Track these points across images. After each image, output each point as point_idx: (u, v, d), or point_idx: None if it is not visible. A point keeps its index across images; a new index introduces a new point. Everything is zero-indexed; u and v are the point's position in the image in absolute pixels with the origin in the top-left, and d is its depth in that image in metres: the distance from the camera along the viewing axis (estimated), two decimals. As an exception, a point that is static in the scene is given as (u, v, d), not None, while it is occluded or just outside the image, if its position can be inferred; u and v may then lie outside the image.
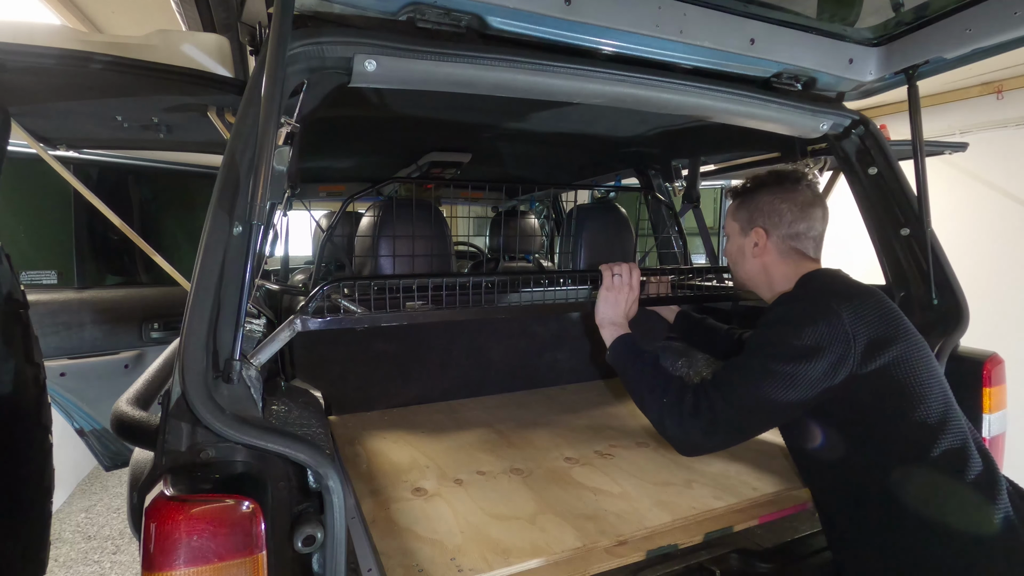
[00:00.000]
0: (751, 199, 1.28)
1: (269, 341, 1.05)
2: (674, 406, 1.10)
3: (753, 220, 1.26)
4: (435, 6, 1.05)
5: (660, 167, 2.56)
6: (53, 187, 2.41)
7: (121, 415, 1.00)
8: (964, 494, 0.98)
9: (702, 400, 1.08)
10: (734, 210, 1.33)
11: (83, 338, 2.42)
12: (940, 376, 1.08)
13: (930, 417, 1.01)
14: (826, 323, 1.03)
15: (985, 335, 1.61)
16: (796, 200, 1.22)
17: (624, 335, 1.31)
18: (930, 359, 1.09)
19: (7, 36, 1.09)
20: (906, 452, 1.01)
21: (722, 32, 1.23)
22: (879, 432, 1.03)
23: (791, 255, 1.23)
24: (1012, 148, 3.37)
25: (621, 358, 1.27)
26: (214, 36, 1.29)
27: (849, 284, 1.15)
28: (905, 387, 1.02)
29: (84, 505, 3.24)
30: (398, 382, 1.94)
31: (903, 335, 1.06)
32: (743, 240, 1.29)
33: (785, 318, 1.09)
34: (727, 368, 1.12)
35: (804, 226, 1.22)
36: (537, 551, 1.05)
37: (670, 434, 1.11)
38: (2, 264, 1.34)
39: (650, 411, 1.16)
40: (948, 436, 1.00)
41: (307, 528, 0.82)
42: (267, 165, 0.87)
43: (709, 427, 1.06)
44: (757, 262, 1.27)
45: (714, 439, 1.08)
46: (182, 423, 0.81)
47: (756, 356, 1.08)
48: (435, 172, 2.46)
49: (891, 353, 1.03)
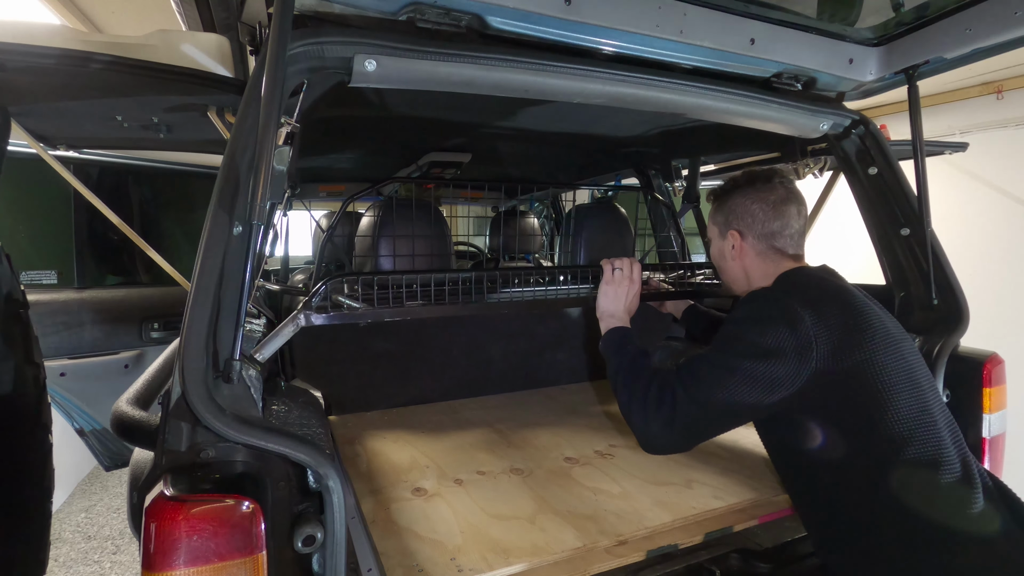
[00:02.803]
0: (725, 202, 1.28)
1: (273, 337, 1.05)
2: (640, 396, 1.10)
3: (729, 223, 1.27)
4: (435, 6, 1.05)
5: (660, 167, 2.56)
6: (53, 187, 2.41)
7: (121, 415, 1.00)
8: (938, 497, 0.97)
9: (665, 392, 1.07)
10: (713, 214, 1.34)
11: (83, 338, 2.42)
12: (917, 379, 1.06)
13: (900, 421, 0.99)
14: (787, 325, 1.02)
15: (985, 335, 1.61)
16: (768, 199, 1.22)
17: (619, 327, 1.31)
18: (904, 362, 1.06)
19: (7, 36, 1.09)
20: (877, 456, 0.99)
21: (722, 32, 1.23)
22: (848, 437, 1.01)
23: (769, 254, 1.22)
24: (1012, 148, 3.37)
25: (608, 348, 1.27)
26: (214, 36, 1.29)
27: (822, 285, 1.13)
28: (873, 391, 1.00)
29: (84, 505, 3.24)
30: (398, 382, 1.94)
31: (872, 338, 1.04)
32: (722, 243, 1.29)
33: (751, 316, 1.09)
34: (692, 360, 1.11)
35: (779, 224, 1.21)
36: (537, 551, 1.05)
37: (636, 426, 1.10)
38: (2, 264, 1.34)
39: (620, 402, 1.15)
40: (918, 440, 0.99)
41: (307, 528, 0.82)
42: (267, 165, 0.87)
43: (668, 420, 1.05)
44: (736, 264, 1.27)
45: (673, 434, 1.06)
46: (182, 423, 0.81)
47: (719, 351, 1.08)
48: (435, 172, 2.46)
49: (856, 357, 1.01)
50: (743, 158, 2.41)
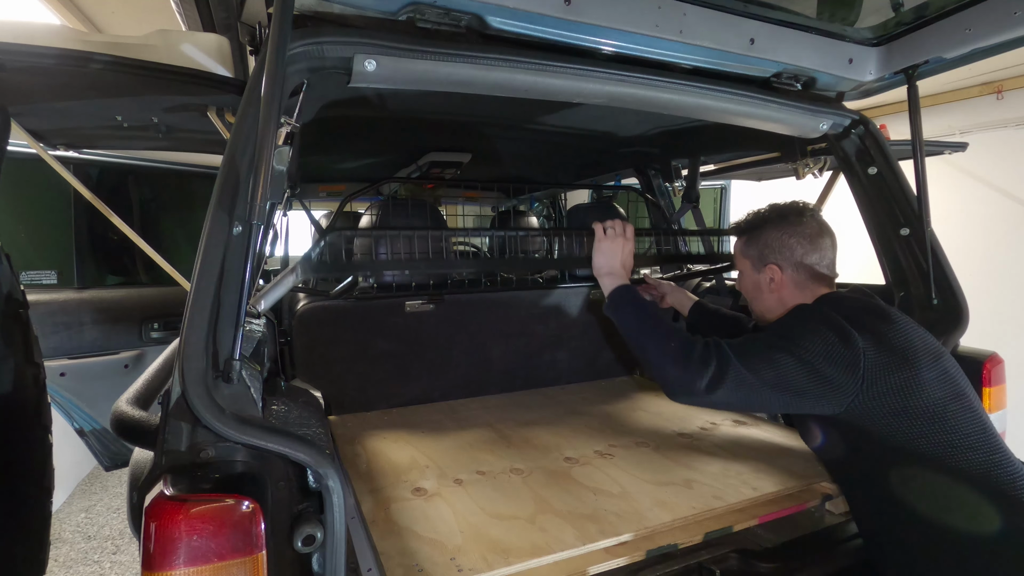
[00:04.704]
0: (758, 237, 1.30)
1: (272, 287, 1.06)
2: (681, 352, 1.11)
3: (764, 257, 1.28)
4: (435, 6, 1.05)
5: (660, 167, 2.56)
6: (53, 187, 2.41)
7: (121, 415, 1.00)
8: (1004, 500, 0.98)
9: (712, 352, 1.10)
10: (743, 247, 1.36)
11: (83, 338, 2.42)
12: (963, 390, 1.09)
13: (953, 430, 1.02)
14: (837, 335, 1.06)
15: (985, 335, 1.62)
16: (804, 233, 1.25)
17: (624, 285, 1.31)
18: (948, 375, 1.09)
19: (7, 36, 1.09)
20: (936, 462, 1.02)
21: (722, 32, 1.23)
22: (901, 447, 1.04)
23: (807, 283, 1.26)
24: (1012, 148, 3.38)
25: (621, 307, 1.27)
26: (214, 36, 1.29)
27: (866, 305, 1.17)
28: (923, 405, 1.03)
29: (84, 505, 3.24)
30: (398, 382, 1.94)
31: (915, 356, 1.07)
32: (758, 276, 1.32)
33: (800, 323, 1.13)
34: (744, 339, 1.15)
35: (816, 257, 1.26)
36: (537, 551, 1.05)
37: (671, 376, 1.11)
38: (2, 264, 1.34)
39: (650, 354, 1.16)
40: (976, 447, 1.01)
41: (307, 528, 0.82)
42: (267, 165, 0.87)
43: (715, 378, 1.07)
44: (774, 296, 1.29)
45: (715, 391, 1.08)
46: (182, 423, 0.81)
47: (776, 339, 1.11)
48: (435, 172, 2.46)
49: (904, 374, 1.05)
50: (743, 158, 2.41)
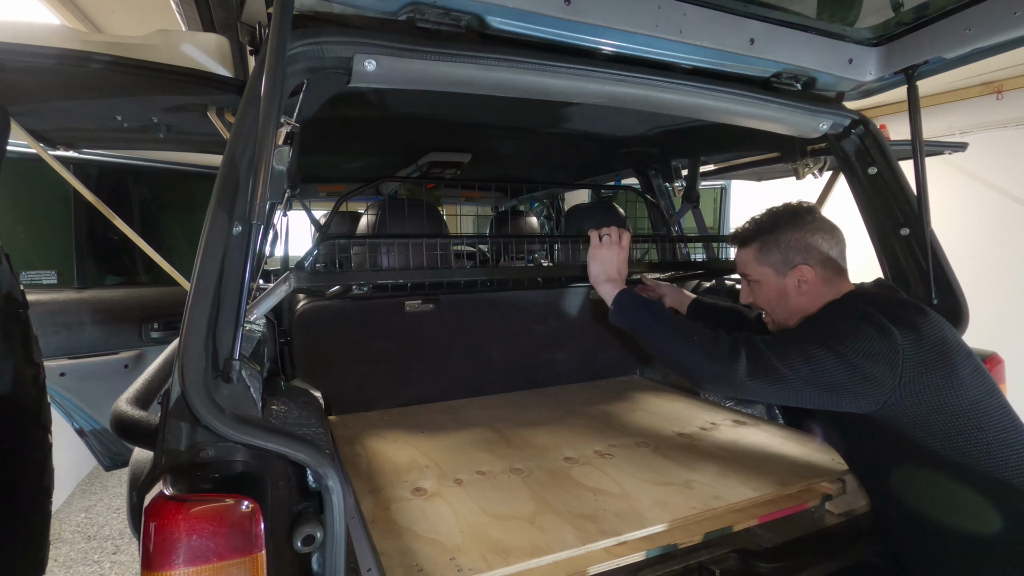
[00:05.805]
0: (775, 241, 1.28)
1: (265, 296, 1.06)
2: (709, 344, 1.12)
3: (791, 260, 1.26)
4: (435, 6, 1.05)
5: (660, 167, 2.56)
6: (53, 187, 2.41)
7: (121, 415, 1.00)
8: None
9: (741, 343, 1.10)
10: (758, 255, 1.30)
11: (83, 338, 2.42)
12: (994, 388, 1.10)
13: (990, 428, 1.03)
14: (877, 331, 1.06)
15: (985, 335, 1.61)
16: (823, 228, 1.26)
17: (627, 290, 1.31)
18: (980, 372, 1.10)
19: (7, 36, 1.09)
20: (972, 460, 1.02)
21: (722, 32, 1.23)
22: (938, 449, 1.04)
23: (834, 279, 1.26)
24: (1012, 148, 3.38)
25: (630, 311, 1.27)
26: (214, 36, 1.29)
27: (897, 301, 1.18)
28: (962, 402, 1.04)
29: (84, 505, 3.24)
30: (398, 382, 1.94)
31: (950, 352, 1.08)
32: (783, 281, 1.28)
33: (837, 319, 1.12)
34: (777, 334, 1.15)
35: (838, 250, 1.27)
36: (537, 551, 1.05)
37: (703, 368, 1.11)
38: (2, 264, 1.34)
39: (677, 349, 1.15)
40: (1015, 448, 1.02)
41: (307, 528, 0.82)
42: (267, 165, 0.87)
43: (749, 368, 1.07)
44: (804, 298, 1.27)
45: (750, 380, 1.07)
46: (182, 423, 0.81)
47: (813, 333, 1.11)
48: (435, 172, 2.46)
49: (941, 371, 1.05)
50: (743, 158, 2.42)
